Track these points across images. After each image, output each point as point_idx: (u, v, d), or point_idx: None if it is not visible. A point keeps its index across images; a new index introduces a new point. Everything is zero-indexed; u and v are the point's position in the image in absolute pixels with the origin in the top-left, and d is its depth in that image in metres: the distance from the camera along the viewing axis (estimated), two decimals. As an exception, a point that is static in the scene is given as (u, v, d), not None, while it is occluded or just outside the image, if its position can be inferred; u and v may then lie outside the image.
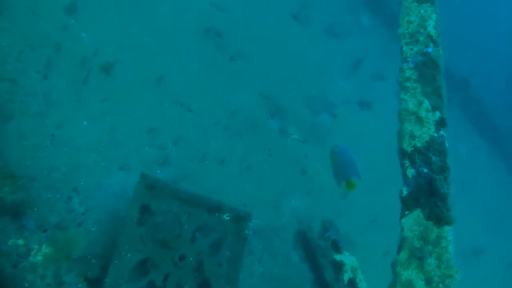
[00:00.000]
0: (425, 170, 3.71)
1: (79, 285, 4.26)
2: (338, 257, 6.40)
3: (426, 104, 3.97)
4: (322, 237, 6.60)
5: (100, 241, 4.73)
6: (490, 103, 14.27)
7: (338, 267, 6.33)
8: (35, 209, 4.48)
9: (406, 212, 3.62)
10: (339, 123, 8.74)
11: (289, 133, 7.54)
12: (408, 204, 3.64)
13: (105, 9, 6.94)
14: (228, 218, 5.19)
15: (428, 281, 3.23)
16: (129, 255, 4.53)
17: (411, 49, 4.28)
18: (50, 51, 5.88)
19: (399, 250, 3.48)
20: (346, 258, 6.47)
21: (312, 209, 6.94)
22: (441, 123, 3.89)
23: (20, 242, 4.22)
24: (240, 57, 7.97)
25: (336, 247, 6.49)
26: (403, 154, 3.79)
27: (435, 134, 3.84)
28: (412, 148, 3.80)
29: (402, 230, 3.56)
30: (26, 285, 4.08)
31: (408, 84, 4.10)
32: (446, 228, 3.48)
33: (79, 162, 5.21)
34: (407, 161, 3.76)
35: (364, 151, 8.48)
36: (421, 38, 4.30)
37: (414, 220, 3.59)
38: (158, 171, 5.77)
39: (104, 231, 4.83)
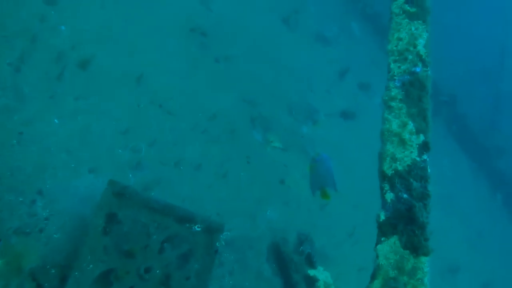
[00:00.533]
0: (405, 196, 3.58)
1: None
2: (311, 272, 6.24)
3: (411, 126, 3.84)
4: (296, 251, 6.43)
5: (62, 249, 4.47)
6: (475, 120, 14.34)
7: (311, 282, 6.17)
8: (-9, 216, 4.20)
9: (382, 239, 3.48)
10: (322, 133, 8.58)
11: (269, 140, 7.34)
12: (384, 230, 3.50)
13: (89, 2, 6.66)
14: (199, 229, 4.98)
15: (401, 314, 3.09)
16: (91, 266, 4.29)
17: (399, 67, 4.14)
18: (25, 43, 5.60)
19: (372, 278, 3.35)
20: (320, 273, 6.31)
21: (288, 220, 6.76)
22: (424, 147, 3.77)
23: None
24: (225, 59, 7.74)
25: (310, 262, 6.33)
26: (383, 176, 3.66)
27: (418, 159, 3.71)
28: (393, 171, 3.66)
29: (377, 257, 3.41)
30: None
31: (393, 103, 3.96)
32: (423, 259, 3.35)
33: (46, 163, 4.94)
34: (386, 185, 3.62)
35: (346, 162, 8.36)
36: (410, 57, 4.16)
37: (390, 247, 3.45)
38: (130, 175, 5.53)
39: (67, 238, 4.57)
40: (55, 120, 5.25)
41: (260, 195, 6.71)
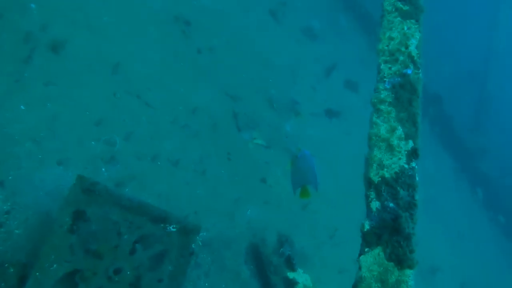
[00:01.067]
0: (391, 205, 3.39)
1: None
2: (290, 274, 6.04)
3: (400, 131, 3.64)
4: (276, 252, 6.21)
5: (23, 246, 4.15)
6: (459, 121, 14.36)
7: (290, 285, 5.97)
8: None
9: (366, 249, 3.29)
10: (306, 130, 8.35)
11: (252, 137, 7.07)
12: (369, 240, 3.30)
13: (64, -21, 6.25)
14: (174, 229, 4.72)
15: (383, 330, 2.91)
16: (55, 265, 3.99)
17: (390, 68, 3.93)
18: (-10, 21, 5.19)
19: (354, 290, 3.15)
20: (299, 276, 6.12)
21: (269, 220, 6.53)
22: (413, 154, 3.57)
23: None
24: (208, 50, 7.42)
25: (290, 264, 6.13)
26: (369, 183, 3.46)
27: (406, 166, 3.52)
28: (380, 179, 3.46)
29: (360, 268, 3.22)
30: None
31: (382, 106, 3.76)
32: (408, 272, 3.17)
33: (10, 152, 4.58)
34: (372, 192, 3.43)
35: (329, 161, 8.18)
36: (401, 58, 3.96)
37: (374, 259, 3.26)
38: (103, 169, 5.20)
39: (30, 235, 4.24)
40: (21, 107, 4.88)
41: (240, 193, 6.46)
